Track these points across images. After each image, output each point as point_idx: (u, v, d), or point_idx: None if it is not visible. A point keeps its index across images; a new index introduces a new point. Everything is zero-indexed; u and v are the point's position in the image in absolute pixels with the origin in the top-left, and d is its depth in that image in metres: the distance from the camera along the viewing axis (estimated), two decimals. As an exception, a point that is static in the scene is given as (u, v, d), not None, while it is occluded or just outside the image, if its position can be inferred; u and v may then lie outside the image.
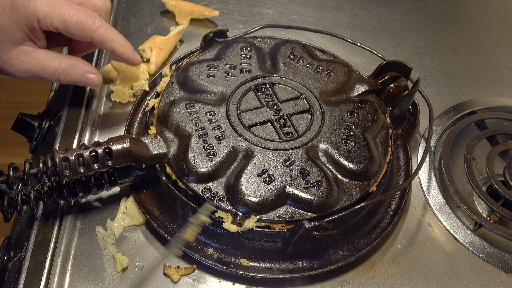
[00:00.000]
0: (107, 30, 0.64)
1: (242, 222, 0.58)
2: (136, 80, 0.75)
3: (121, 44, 0.66)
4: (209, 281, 0.61)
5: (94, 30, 0.62)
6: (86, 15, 0.62)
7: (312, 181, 0.61)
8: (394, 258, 0.65)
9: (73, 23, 0.61)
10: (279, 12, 0.93)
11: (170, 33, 0.82)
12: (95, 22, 0.62)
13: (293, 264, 0.62)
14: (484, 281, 0.64)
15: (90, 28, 0.62)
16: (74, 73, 0.65)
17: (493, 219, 0.71)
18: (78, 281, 0.60)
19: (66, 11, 0.61)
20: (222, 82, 0.70)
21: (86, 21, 0.62)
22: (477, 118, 0.80)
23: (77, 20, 0.61)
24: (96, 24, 0.62)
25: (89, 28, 0.62)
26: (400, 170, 0.72)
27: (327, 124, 0.67)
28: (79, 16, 0.61)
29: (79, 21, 0.61)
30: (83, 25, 0.62)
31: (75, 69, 0.65)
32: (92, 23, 0.62)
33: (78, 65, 0.65)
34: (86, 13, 0.62)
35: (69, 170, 0.57)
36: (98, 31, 0.63)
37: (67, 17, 0.61)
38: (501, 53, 0.92)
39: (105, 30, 0.63)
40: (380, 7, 0.97)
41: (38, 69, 0.63)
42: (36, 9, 0.59)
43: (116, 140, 0.59)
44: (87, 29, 0.62)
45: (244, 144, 0.64)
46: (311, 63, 0.74)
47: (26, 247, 0.60)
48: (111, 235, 0.63)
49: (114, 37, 0.65)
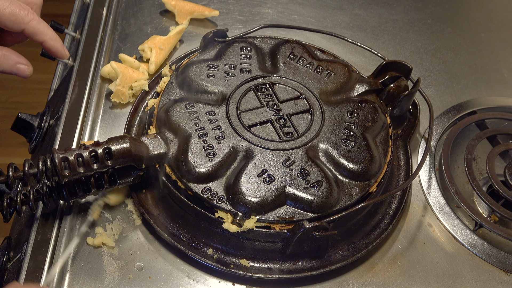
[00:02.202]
0: (39, 23, 0.65)
1: (242, 222, 0.58)
2: (135, 81, 0.75)
3: (52, 38, 0.67)
4: (209, 281, 0.61)
5: (27, 22, 0.64)
6: (19, 8, 0.63)
7: (312, 181, 0.61)
8: (394, 258, 0.65)
9: (6, 14, 0.62)
10: (279, 12, 0.93)
11: (169, 33, 0.82)
12: (28, 15, 0.64)
13: (293, 265, 0.62)
14: (485, 282, 0.64)
15: (23, 20, 0.63)
16: (5, 63, 0.66)
17: (494, 219, 0.71)
18: (78, 282, 0.60)
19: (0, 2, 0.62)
20: (222, 82, 0.70)
21: (19, 13, 0.63)
22: (477, 118, 0.80)
23: (10, 12, 0.62)
24: (29, 17, 0.64)
25: (22, 20, 0.63)
26: (400, 170, 0.72)
27: (327, 124, 0.67)
28: (12, 9, 0.62)
29: (12, 13, 0.63)
30: (16, 17, 0.63)
31: (6, 60, 0.66)
32: (25, 15, 0.63)
33: (10, 56, 0.66)
34: (19, 6, 0.63)
35: (68, 170, 0.57)
36: (31, 24, 0.64)
37: (0, 9, 0.62)
38: (502, 53, 0.92)
39: (37, 23, 0.65)
40: (380, 7, 0.97)
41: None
42: None
43: (115, 140, 0.59)
44: (20, 21, 0.63)
45: (244, 144, 0.64)
46: (311, 63, 0.74)
47: (25, 248, 0.60)
48: (111, 236, 0.63)
49: (45, 30, 0.66)
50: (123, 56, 0.78)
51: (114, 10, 0.88)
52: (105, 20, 0.86)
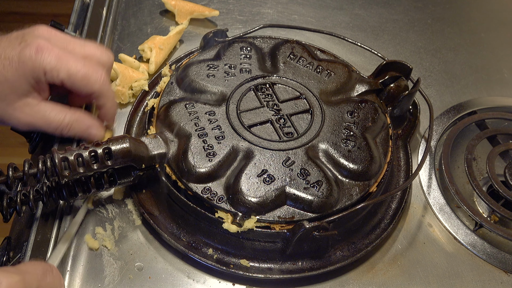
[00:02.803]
0: (105, 85, 0.64)
1: (242, 222, 0.58)
2: (135, 81, 0.75)
3: (112, 104, 0.66)
4: (209, 281, 0.61)
5: (99, 85, 0.63)
6: (92, 70, 0.62)
7: (312, 181, 0.61)
8: (394, 258, 0.65)
9: (79, 77, 0.61)
10: (279, 11, 0.93)
11: (169, 33, 0.82)
12: (100, 78, 0.63)
13: (293, 265, 0.62)
14: (485, 282, 0.64)
15: (94, 83, 0.62)
16: (77, 128, 0.64)
17: (494, 219, 0.71)
18: (78, 282, 0.60)
19: (73, 65, 0.60)
20: (222, 82, 0.70)
21: (91, 76, 0.62)
22: (477, 118, 0.80)
23: (83, 75, 0.61)
24: (100, 80, 0.63)
25: (93, 83, 0.62)
26: (400, 170, 0.72)
27: (327, 124, 0.67)
28: (85, 71, 0.61)
29: (85, 75, 0.61)
30: (88, 80, 0.62)
31: (78, 124, 0.64)
32: (99, 78, 0.62)
33: (82, 120, 0.64)
34: (92, 68, 0.62)
35: (68, 170, 0.57)
36: (103, 87, 0.63)
37: (73, 71, 0.60)
38: (502, 53, 0.92)
39: (104, 85, 0.64)
40: (381, 7, 0.97)
41: (42, 122, 0.62)
42: (44, 62, 0.59)
43: (115, 140, 0.59)
44: (91, 84, 0.62)
45: (244, 144, 0.64)
46: (311, 63, 0.74)
47: (25, 248, 0.60)
48: (110, 236, 0.63)
49: (110, 93, 0.65)
50: (123, 56, 0.78)
51: (114, 10, 0.88)
52: (105, 20, 0.86)
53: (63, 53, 0.60)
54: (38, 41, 0.59)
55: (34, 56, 0.58)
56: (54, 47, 0.60)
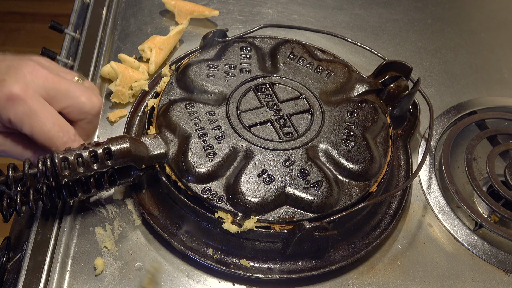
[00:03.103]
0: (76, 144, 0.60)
1: (242, 222, 0.58)
2: (135, 81, 0.75)
3: None
4: (209, 281, 0.61)
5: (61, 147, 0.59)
6: (59, 134, 0.58)
7: (312, 181, 0.61)
8: (394, 258, 0.65)
9: (41, 138, 0.58)
10: (279, 11, 0.93)
11: (169, 33, 0.82)
12: (66, 143, 0.59)
13: (293, 265, 0.62)
14: (485, 282, 0.64)
15: (58, 146, 0.58)
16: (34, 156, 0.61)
17: (494, 219, 0.71)
18: (78, 282, 0.60)
19: (39, 123, 0.57)
20: (222, 82, 0.70)
21: (56, 141, 0.58)
22: (477, 118, 0.80)
23: (46, 138, 0.58)
24: (66, 146, 0.59)
25: (57, 146, 0.58)
26: (400, 170, 0.72)
27: (327, 124, 0.67)
28: (51, 134, 0.57)
29: (48, 139, 0.58)
30: (51, 144, 0.58)
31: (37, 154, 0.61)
32: (62, 144, 0.58)
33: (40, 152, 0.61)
34: (60, 131, 0.58)
35: (68, 170, 0.57)
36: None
37: (37, 130, 0.57)
38: (502, 53, 0.92)
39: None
40: (380, 7, 0.97)
41: (13, 154, 0.61)
42: (9, 113, 0.56)
43: (115, 140, 0.59)
44: (54, 146, 0.58)
45: (244, 144, 0.64)
46: (311, 63, 0.74)
47: (25, 248, 0.60)
48: (110, 236, 0.63)
49: None
50: (123, 56, 0.78)
51: (114, 10, 0.88)
52: (105, 20, 0.86)
53: (36, 106, 0.57)
54: (13, 87, 0.56)
55: (5, 103, 0.56)
56: (28, 98, 0.56)
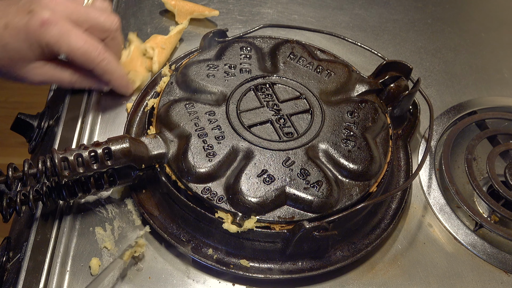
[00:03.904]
0: (110, 63, 0.68)
1: (241, 222, 0.58)
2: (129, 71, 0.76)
3: (119, 76, 0.71)
4: (208, 281, 0.61)
5: (97, 63, 0.66)
6: (92, 48, 0.65)
7: (312, 181, 0.61)
8: (394, 258, 0.65)
9: (78, 54, 0.65)
10: (279, 11, 0.93)
11: (170, 33, 0.82)
12: (99, 56, 0.66)
13: (293, 265, 0.62)
14: (485, 282, 0.64)
15: (93, 61, 0.66)
16: (86, 82, 0.70)
17: (494, 219, 0.71)
18: (77, 282, 0.59)
19: (74, 41, 0.64)
20: (222, 82, 0.70)
21: (91, 54, 0.65)
22: (477, 118, 0.80)
23: (82, 52, 0.65)
24: (100, 57, 0.66)
25: (92, 61, 0.66)
26: (400, 170, 0.72)
27: (327, 124, 0.67)
28: (85, 49, 0.65)
29: (84, 53, 0.65)
30: (87, 58, 0.65)
31: (86, 79, 0.70)
32: (96, 56, 0.66)
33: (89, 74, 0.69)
34: (92, 45, 0.65)
35: (68, 170, 0.57)
36: (101, 64, 0.67)
37: (73, 48, 0.64)
38: (502, 53, 0.92)
39: (107, 63, 0.67)
40: (381, 7, 0.97)
41: (54, 80, 0.69)
42: (47, 35, 0.63)
43: (115, 140, 0.59)
44: (90, 61, 0.66)
45: (244, 144, 0.64)
46: (311, 63, 0.74)
47: (25, 248, 0.60)
48: (110, 236, 0.63)
49: (113, 69, 0.69)
50: (133, 36, 0.81)
51: (114, 10, 0.88)
52: (105, 20, 0.86)
53: (66, 27, 0.63)
54: (43, 13, 0.62)
55: (39, 29, 0.62)
56: (58, 20, 0.63)
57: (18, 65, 0.65)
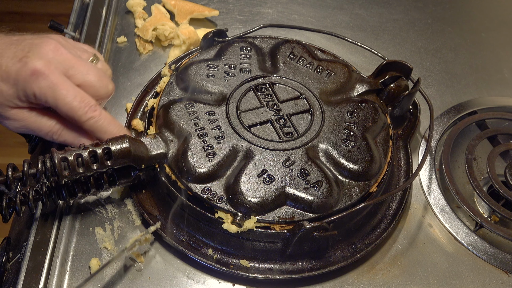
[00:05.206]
0: (98, 121, 0.62)
1: (241, 222, 0.58)
2: (162, 24, 0.81)
3: (111, 135, 0.63)
4: (208, 281, 0.61)
5: (83, 121, 0.62)
6: (80, 105, 0.61)
7: (312, 181, 0.61)
8: (394, 258, 0.65)
9: (65, 110, 0.61)
10: (279, 11, 0.93)
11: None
12: (87, 113, 0.61)
13: (293, 265, 0.61)
14: (485, 282, 0.64)
15: (80, 119, 0.61)
16: (66, 134, 0.64)
17: (494, 219, 0.71)
18: (77, 282, 0.59)
19: (62, 95, 0.60)
20: (222, 82, 0.70)
21: (78, 111, 0.61)
22: (478, 118, 0.80)
23: (69, 109, 0.61)
24: (87, 115, 0.61)
25: (79, 119, 0.61)
26: (400, 170, 0.72)
27: (327, 124, 0.67)
28: (73, 105, 0.60)
29: (71, 110, 0.61)
30: (73, 115, 0.61)
31: (68, 132, 0.64)
32: (84, 114, 0.61)
33: (72, 129, 0.64)
34: (82, 102, 0.61)
35: (68, 170, 0.57)
36: (88, 123, 0.62)
37: (61, 103, 0.60)
38: (502, 53, 0.92)
39: (95, 122, 0.62)
40: (381, 7, 0.97)
41: (34, 127, 0.64)
42: (34, 86, 0.59)
43: (115, 140, 0.59)
44: (76, 119, 0.61)
45: (244, 144, 0.63)
46: (311, 63, 0.74)
47: (25, 248, 0.60)
48: (110, 236, 0.63)
49: (105, 128, 0.63)
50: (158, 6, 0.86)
51: (114, 10, 0.88)
52: (105, 20, 0.86)
53: (58, 80, 0.60)
54: (36, 63, 0.59)
55: (29, 78, 0.59)
56: (50, 72, 0.60)
57: (2, 107, 0.62)
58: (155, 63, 0.82)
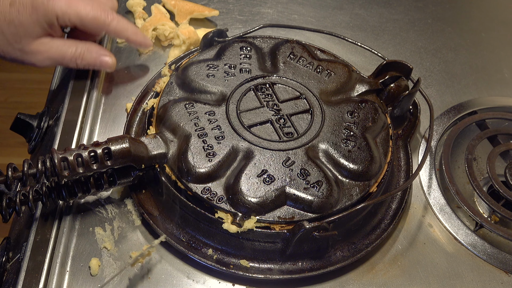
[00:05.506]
0: (119, 22, 0.71)
1: (241, 222, 0.58)
2: (162, 24, 0.82)
3: (133, 33, 0.73)
4: (208, 282, 0.61)
5: (108, 24, 0.69)
6: (100, 11, 0.68)
7: (312, 181, 0.61)
8: (394, 258, 0.65)
9: (89, 19, 0.67)
10: (279, 11, 0.93)
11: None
12: (108, 16, 0.69)
13: (293, 265, 0.61)
14: (485, 282, 0.64)
15: (104, 22, 0.69)
16: (89, 56, 0.71)
17: (494, 219, 0.71)
18: (77, 282, 0.59)
19: (82, 8, 0.67)
20: (222, 82, 0.70)
21: (100, 17, 0.68)
22: (478, 118, 0.80)
23: (93, 17, 0.68)
24: (109, 18, 0.69)
25: (103, 23, 0.69)
26: (400, 170, 0.72)
27: (327, 124, 0.67)
28: (95, 13, 0.68)
29: (94, 17, 0.68)
30: (98, 21, 0.68)
31: (90, 53, 0.71)
32: (106, 18, 0.69)
33: (93, 49, 0.71)
34: (100, 9, 0.68)
35: (68, 171, 0.57)
36: (112, 25, 0.70)
37: (83, 14, 0.67)
38: (502, 53, 0.92)
39: (117, 23, 0.70)
40: (381, 7, 0.97)
41: (57, 55, 0.69)
42: (55, 7, 0.64)
43: (115, 140, 0.59)
44: (102, 24, 0.69)
45: (244, 144, 0.63)
46: (311, 63, 0.74)
47: (24, 248, 0.60)
48: (110, 236, 0.63)
49: (126, 27, 0.72)
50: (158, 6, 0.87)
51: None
52: (105, 20, 0.86)
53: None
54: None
55: (46, 1, 0.64)
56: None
57: (23, 42, 0.65)
58: (155, 63, 0.82)
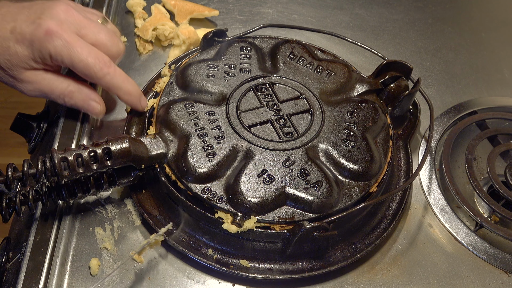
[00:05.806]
0: (114, 78, 0.65)
1: (241, 222, 0.58)
2: (162, 24, 0.81)
3: (126, 92, 0.67)
4: (208, 282, 0.61)
5: (99, 77, 0.65)
6: (95, 61, 0.64)
7: (312, 181, 0.61)
8: (394, 259, 0.65)
9: (80, 67, 0.64)
10: (279, 11, 0.93)
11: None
12: (103, 69, 0.64)
13: (293, 265, 0.61)
14: (485, 282, 0.64)
15: (96, 75, 0.64)
16: (78, 97, 0.67)
17: (494, 219, 0.71)
18: (77, 282, 0.59)
19: (77, 53, 0.63)
20: (222, 82, 0.70)
21: (94, 67, 0.64)
22: (478, 118, 0.80)
23: (85, 65, 0.63)
24: (103, 72, 0.64)
25: (95, 75, 0.64)
26: (400, 170, 0.72)
27: (327, 124, 0.67)
28: (88, 62, 0.63)
29: (87, 66, 0.63)
30: (89, 71, 0.64)
31: (80, 94, 0.67)
32: (99, 70, 0.64)
33: (83, 90, 0.67)
34: (96, 59, 0.64)
35: (68, 171, 0.57)
36: (104, 79, 0.65)
37: (76, 60, 0.63)
38: (502, 53, 0.92)
39: (111, 79, 0.65)
40: (381, 7, 0.97)
41: (47, 89, 0.66)
42: (49, 46, 0.62)
43: (115, 140, 0.59)
44: (93, 75, 0.64)
45: (243, 144, 0.63)
46: (311, 63, 0.74)
47: (24, 248, 0.60)
48: (110, 236, 0.63)
49: (119, 85, 0.66)
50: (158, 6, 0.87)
51: (114, 10, 0.88)
52: (105, 20, 0.86)
53: (71, 39, 0.63)
54: (50, 24, 0.62)
55: (43, 38, 0.62)
56: (64, 32, 0.62)
57: (15, 70, 0.64)
58: (155, 63, 0.82)
